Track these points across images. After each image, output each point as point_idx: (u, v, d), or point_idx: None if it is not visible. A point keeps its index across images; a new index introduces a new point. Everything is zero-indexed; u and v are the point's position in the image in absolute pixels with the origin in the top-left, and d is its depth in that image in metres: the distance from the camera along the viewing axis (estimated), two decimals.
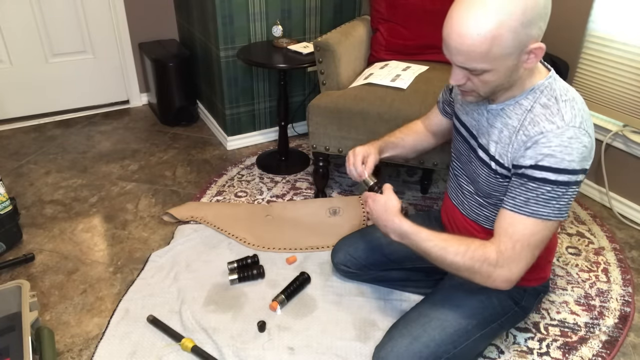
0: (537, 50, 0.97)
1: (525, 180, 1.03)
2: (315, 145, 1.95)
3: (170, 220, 1.98)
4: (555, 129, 0.99)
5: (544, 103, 1.03)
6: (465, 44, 0.95)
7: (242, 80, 2.43)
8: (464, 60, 0.98)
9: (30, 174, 2.31)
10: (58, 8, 2.64)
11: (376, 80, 1.91)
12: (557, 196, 1.01)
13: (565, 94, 1.04)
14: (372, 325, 1.50)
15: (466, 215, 1.30)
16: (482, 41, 0.93)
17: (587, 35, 2.06)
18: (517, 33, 0.93)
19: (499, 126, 1.11)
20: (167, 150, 2.55)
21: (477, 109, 1.19)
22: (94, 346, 1.44)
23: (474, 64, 0.98)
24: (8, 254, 1.79)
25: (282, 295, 1.56)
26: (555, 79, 1.07)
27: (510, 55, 0.96)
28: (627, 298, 1.65)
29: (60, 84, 2.81)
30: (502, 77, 1.01)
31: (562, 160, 0.98)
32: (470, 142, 1.22)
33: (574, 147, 0.98)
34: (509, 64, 0.98)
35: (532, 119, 1.03)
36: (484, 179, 1.17)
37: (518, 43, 0.94)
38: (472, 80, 1.03)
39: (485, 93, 1.07)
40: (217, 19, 2.22)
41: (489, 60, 0.96)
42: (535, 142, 1.01)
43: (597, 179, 2.18)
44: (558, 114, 1.00)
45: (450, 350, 1.20)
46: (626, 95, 1.98)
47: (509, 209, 1.06)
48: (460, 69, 1.02)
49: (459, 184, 1.32)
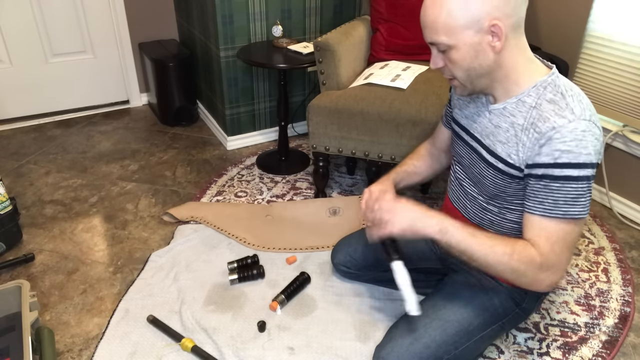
0: (495, 27, 0.98)
1: (547, 181, 1.01)
2: (315, 145, 1.95)
3: (170, 220, 1.98)
4: (567, 123, 0.98)
5: (550, 99, 1.02)
6: (426, 14, 1.03)
7: (242, 80, 2.43)
8: (428, 34, 1.04)
9: (30, 174, 2.31)
10: (58, 8, 2.64)
11: (376, 80, 1.91)
12: (582, 192, 1.00)
13: (570, 89, 1.04)
14: (372, 325, 1.50)
15: (469, 219, 1.29)
16: (438, 13, 1.00)
17: (587, 35, 2.06)
18: (467, 3, 0.97)
19: (505, 126, 1.10)
20: (167, 150, 2.55)
21: (477, 111, 1.19)
22: (94, 346, 1.44)
23: (437, 37, 1.03)
24: (8, 254, 1.79)
25: (282, 295, 1.56)
26: (558, 76, 1.07)
27: (467, 28, 0.99)
28: (627, 298, 1.65)
29: (60, 84, 2.81)
30: (467, 57, 1.03)
31: (580, 154, 0.97)
32: (473, 144, 1.21)
33: (589, 140, 0.97)
34: (469, 40, 1.00)
35: (541, 115, 1.02)
36: (490, 181, 1.16)
37: (470, 15, 0.98)
38: (447, 63, 1.07)
39: (464, 79, 1.08)
40: (217, 19, 2.22)
41: (447, 32, 1.01)
42: (549, 138, 0.99)
43: (597, 179, 2.18)
44: (567, 108, 1.00)
45: (451, 350, 1.19)
46: (626, 95, 1.98)
47: (539, 214, 1.04)
48: (434, 49, 1.07)
49: (462, 187, 1.30)
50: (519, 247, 1.04)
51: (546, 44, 2.22)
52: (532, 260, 1.03)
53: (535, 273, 1.04)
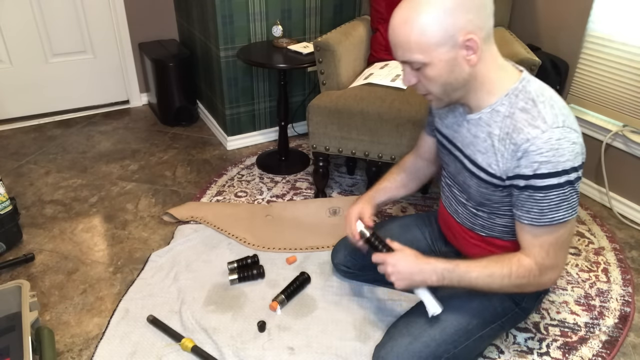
0: (470, 42, 0.97)
1: (530, 192, 1.03)
2: (315, 145, 1.95)
3: (170, 220, 1.98)
4: (540, 133, 0.98)
5: (522, 107, 1.02)
6: (397, 34, 1.00)
7: (242, 80, 2.43)
8: (401, 53, 1.02)
9: (30, 174, 2.31)
10: (58, 8, 2.64)
11: (376, 80, 1.91)
12: (566, 197, 1.01)
13: (542, 94, 1.03)
14: (372, 325, 1.50)
15: (461, 224, 1.30)
16: (410, 31, 0.98)
17: (587, 35, 2.06)
18: (440, 20, 0.96)
19: (482, 136, 1.10)
20: (167, 150, 2.55)
21: (456, 121, 1.19)
22: (94, 346, 1.44)
23: (410, 56, 1.01)
24: (8, 254, 1.79)
25: (282, 295, 1.56)
26: (529, 80, 1.06)
27: (441, 45, 0.98)
28: (627, 298, 1.65)
29: (60, 84, 2.81)
30: (443, 73, 1.01)
31: (558, 162, 0.98)
32: (456, 154, 1.21)
33: (565, 147, 0.97)
34: (444, 56, 0.99)
35: (515, 125, 1.02)
36: (475, 189, 1.17)
37: (444, 32, 0.96)
38: (421, 80, 1.05)
39: (439, 94, 1.07)
40: (217, 19, 2.22)
41: (421, 50, 0.99)
42: (525, 150, 1.00)
43: (597, 179, 2.18)
44: (539, 116, 0.99)
45: (451, 350, 1.20)
46: (626, 95, 1.98)
47: (527, 223, 1.07)
48: (406, 67, 1.05)
49: (452, 192, 1.31)
50: (515, 264, 1.08)
51: (546, 44, 2.22)
52: (530, 271, 1.08)
53: (537, 280, 1.10)
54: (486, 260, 1.11)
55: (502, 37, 2.00)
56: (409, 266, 1.16)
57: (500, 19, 2.16)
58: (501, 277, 1.09)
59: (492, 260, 1.11)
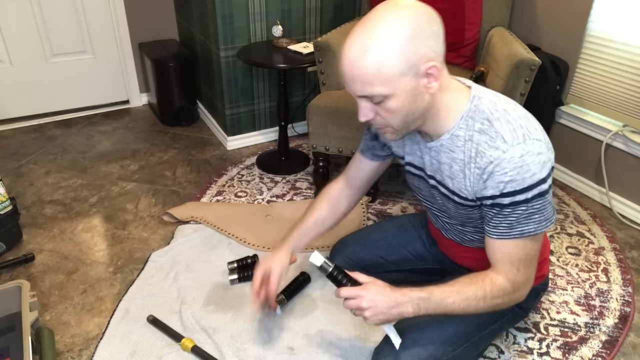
0: (432, 69, 0.93)
1: (498, 209, 1.01)
2: (315, 145, 1.95)
3: (170, 220, 1.98)
4: (501, 154, 0.95)
5: (480, 129, 0.99)
6: (356, 67, 0.92)
7: (242, 80, 2.43)
8: (361, 87, 0.94)
9: (30, 174, 2.31)
10: (58, 8, 2.64)
11: None
12: (537, 209, 0.99)
13: (495, 110, 0.99)
14: (372, 326, 1.49)
15: (450, 239, 1.30)
16: (371, 63, 0.90)
17: (587, 35, 2.06)
18: (401, 50, 0.89)
19: (447, 161, 1.07)
20: (167, 150, 2.55)
21: (418, 147, 1.15)
22: (94, 346, 1.44)
23: (371, 89, 0.93)
24: (8, 254, 1.79)
25: (282, 295, 1.56)
26: (480, 97, 1.01)
27: (404, 75, 0.91)
28: (627, 298, 1.65)
29: (60, 84, 2.81)
30: (406, 104, 0.95)
31: (524, 179, 0.95)
32: (427, 179, 1.18)
33: (529, 162, 0.95)
34: (407, 86, 0.93)
35: (476, 149, 0.99)
36: (454, 211, 1.15)
37: (407, 61, 0.90)
38: (380, 113, 0.98)
39: (399, 126, 1.00)
40: (217, 19, 2.22)
41: (384, 82, 0.92)
42: (490, 172, 0.98)
43: (597, 179, 2.18)
44: (497, 136, 0.97)
45: (450, 352, 1.19)
46: (626, 95, 1.98)
47: (497, 238, 1.05)
48: (365, 101, 0.97)
49: (434, 214, 1.29)
50: (488, 285, 1.06)
51: (546, 44, 2.22)
52: (504, 291, 1.06)
53: (510, 298, 1.08)
54: (459, 284, 1.07)
55: (502, 37, 2.00)
56: (386, 300, 1.06)
57: (501, 19, 2.16)
58: (476, 300, 1.05)
59: (465, 284, 1.07)
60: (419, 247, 1.49)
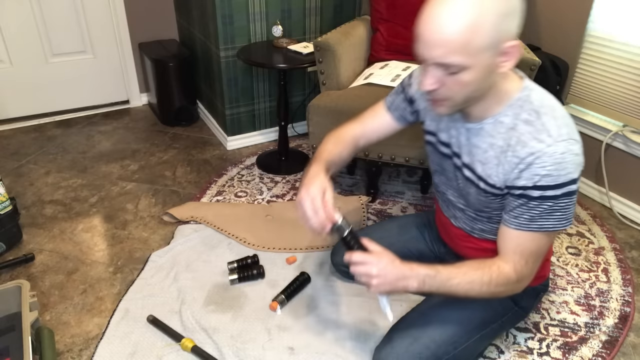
0: (512, 49, 0.92)
1: (525, 200, 1.01)
2: (315, 145, 1.95)
3: (170, 220, 1.98)
4: (545, 147, 0.96)
5: (526, 119, 1.00)
6: (445, 32, 0.88)
7: (242, 80, 2.43)
8: (441, 53, 0.90)
9: (30, 174, 2.31)
10: (58, 8, 2.64)
11: (376, 80, 1.91)
12: (561, 207, 1.00)
13: (544, 105, 1.00)
14: (372, 325, 1.50)
15: (460, 228, 1.29)
16: (464, 30, 0.87)
17: (587, 35, 2.06)
18: (496, 24, 0.88)
19: (483, 146, 1.07)
20: (167, 150, 2.55)
21: (453, 126, 1.14)
22: (94, 346, 1.44)
23: (452, 58, 0.90)
24: (8, 254, 1.79)
25: (282, 295, 1.56)
26: (532, 88, 1.03)
27: (488, 49, 0.90)
28: (627, 298, 1.65)
29: (60, 84, 2.81)
30: (478, 79, 0.94)
31: (559, 176, 0.96)
32: (453, 159, 1.17)
33: (568, 161, 0.96)
34: (486, 61, 0.92)
35: (519, 138, 1.00)
36: (474, 197, 1.14)
37: (497, 36, 0.89)
38: (447, 84, 0.95)
39: (461, 101, 0.99)
40: (217, 19, 2.22)
41: (468, 53, 0.89)
42: (529, 164, 0.98)
43: (597, 179, 2.18)
44: (544, 129, 0.97)
45: (451, 351, 1.19)
46: (626, 95, 1.98)
47: (515, 228, 1.05)
48: (436, 69, 0.94)
49: (447, 199, 1.28)
50: (494, 272, 1.06)
51: (546, 44, 2.22)
52: (508, 280, 1.07)
53: (512, 288, 1.09)
54: (466, 267, 1.07)
55: None
56: (395, 272, 1.05)
57: None
58: (480, 284, 1.06)
59: (472, 267, 1.07)
60: (421, 247, 1.49)
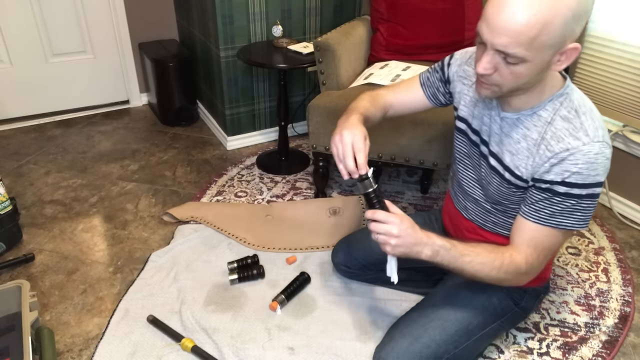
0: (571, 51, 0.93)
1: (549, 194, 1.02)
2: (315, 145, 1.95)
3: (170, 220, 1.98)
4: (581, 145, 0.97)
5: (564, 116, 1.01)
6: (518, 23, 0.87)
7: (242, 80, 2.43)
8: (507, 43, 0.89)
9: (30, 174, 2.31)
10: (58, 8, 2.64)
11: (376, 80, 1.91)
12: (583, 208, 1.01)
13: (583, 105, 1.02)
14: (372, 325, 1.50)
15: (471, 220, 1.29)
16: (535, 24, 0.87)
17: (587, 35, 2.06)
18: (567, 24, 0.88)
19: (516, 137, 1.07)
20: (167, 150, 2.55)
21: (488, 113, 1.14)
22: (94, 346, 1.44)
23: (516, 49, 0.89)
24: (8, 254, 1.79)
25: (282, 295, 1.56)
26: (573, 89, 1.04)
27: (551, 48, 0.90)
28: (627, 298, 1.65)
29: (60, 84, 2.81)
30: (533, 73, 0.94)
31: (589, 176, 0.97)
32: (481, 147, 1.17)
33: (600, 162, 0.97)
34: (546, 58, 0.92)
35: (554, 133, 1.00)
36: (495, 187, 1.14)
37: (563, 36, 0.89)
38: (501, 71, 0.96)
39: (508, 88, 0.99)
40: (217, 19, 2.22)
41: (533, 47, 0.89)
42: (562, 159, 0.99)
43: None
44: (581, 128, 0.98)
45: (451, 350, 1.20)
46: (626, 95, 1.98)
47: (533, 221, 1.05)
48: (495, 55, 0.94)
49: (463, 189, 1.28)
50: (507, 259, 1.06)
51: None
52: (517, 269, 1.07)
53: (518, 278, 1.10)
54: (480, 248, 1.08)
55: None
56: (413, 236, 1.04)
57: None
58: (491, 267, 1.06)
59: (487, 249, 1.08)
60: None
